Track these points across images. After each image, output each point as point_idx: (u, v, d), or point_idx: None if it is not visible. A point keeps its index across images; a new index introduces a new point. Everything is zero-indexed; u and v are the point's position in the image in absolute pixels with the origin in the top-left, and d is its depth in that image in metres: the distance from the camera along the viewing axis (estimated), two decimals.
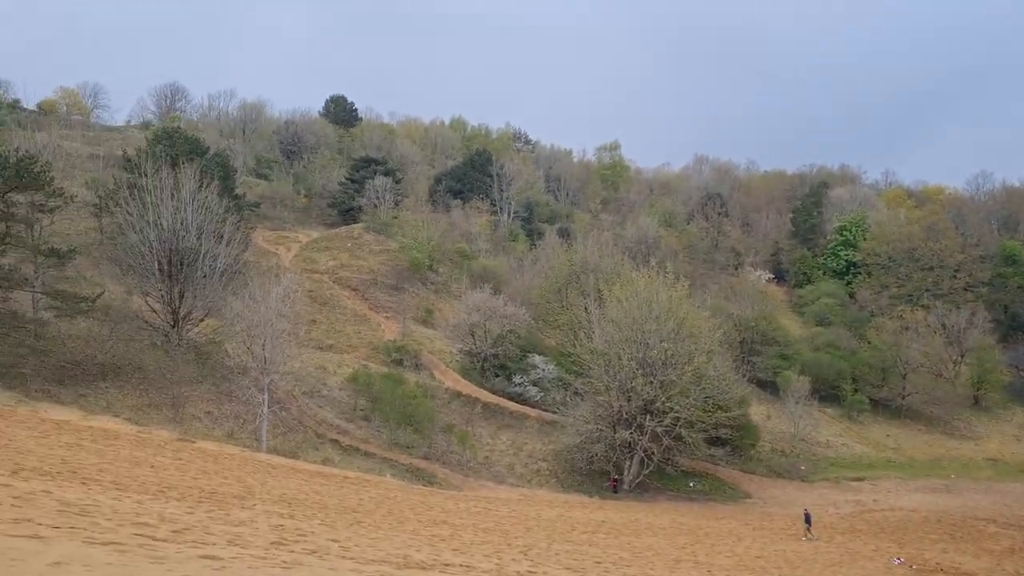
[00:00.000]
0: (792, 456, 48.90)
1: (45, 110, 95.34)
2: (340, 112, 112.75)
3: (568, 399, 44.45)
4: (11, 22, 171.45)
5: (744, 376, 52.17)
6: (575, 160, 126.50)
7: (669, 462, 41.32)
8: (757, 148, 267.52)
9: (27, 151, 40.62)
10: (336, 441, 37.67)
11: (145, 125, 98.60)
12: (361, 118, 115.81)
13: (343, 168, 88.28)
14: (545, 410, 46.88)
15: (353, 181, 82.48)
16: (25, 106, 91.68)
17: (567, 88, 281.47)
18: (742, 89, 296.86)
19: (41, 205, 36.84)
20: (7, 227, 35.35)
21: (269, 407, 34.45)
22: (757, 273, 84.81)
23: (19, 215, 35.98)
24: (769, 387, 58.64)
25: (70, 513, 9.40)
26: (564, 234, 79.82)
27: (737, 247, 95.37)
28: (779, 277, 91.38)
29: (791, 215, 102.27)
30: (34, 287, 36.04)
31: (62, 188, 38.37)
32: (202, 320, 40.68)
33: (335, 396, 42.07)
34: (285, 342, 35.78)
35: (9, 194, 35.23)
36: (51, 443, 19.57)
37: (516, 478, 40.47)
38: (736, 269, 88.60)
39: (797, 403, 48.62)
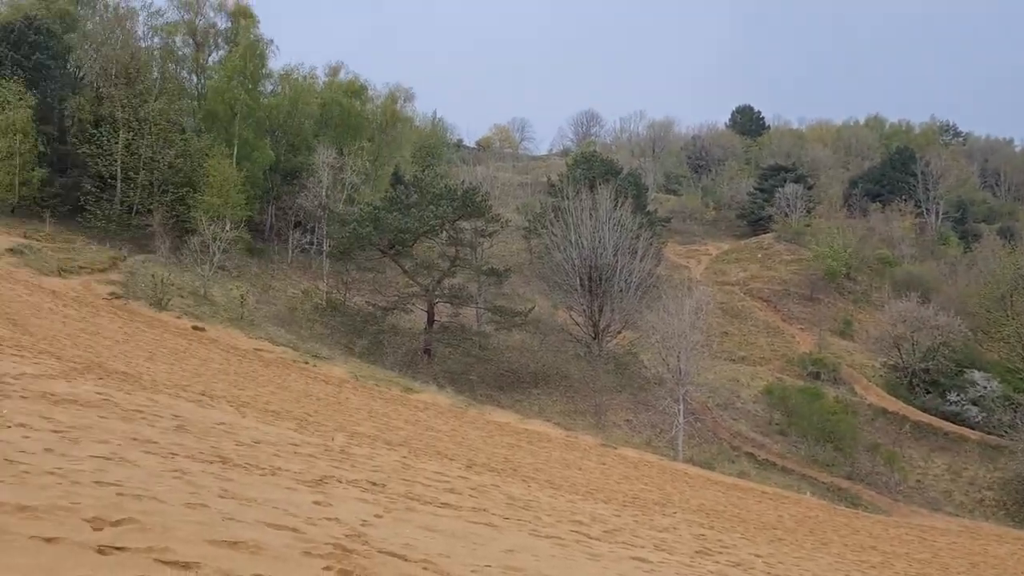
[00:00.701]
0: None
1: (482, 146, 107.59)
2: (746, 122, 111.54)
3: (1018, 421, 39.07)
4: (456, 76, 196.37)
5: None
6: (1017, 150, 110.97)
7: None
8: None
9: (470, 183, 46.17)
10: (751, 454, 37.15)
11: (565, 152, 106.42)
12: (768, 126, 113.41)
13: (751, 178, 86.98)
14: (988, 432, 41.61)
15: (762, 191, 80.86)
16: (466, 144, 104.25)
17: (1004, 69, 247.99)
18: None
19: (482, 231, 41.69)
20: (456, 251, 40.65)
21: (684, 418, 35.05)
22: None
23: (465, 240, 41.10)
24: None
25: (516, 507, 10.49)
26: (1006, 234, 70.46)
27: None
28: None
29: None
30: (477, 303, 40.83)
31: (499, 214, 43.14)
32: (619, 332, 42.69)
33: (749, 409, 41.51)
34: (698, 354, 36.12)
35: (457, 222, 40.50)
36: (495, 442, 21.92)
37: (954, 507, 36.48)
38: None
39: None
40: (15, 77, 39.02)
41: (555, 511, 10.94)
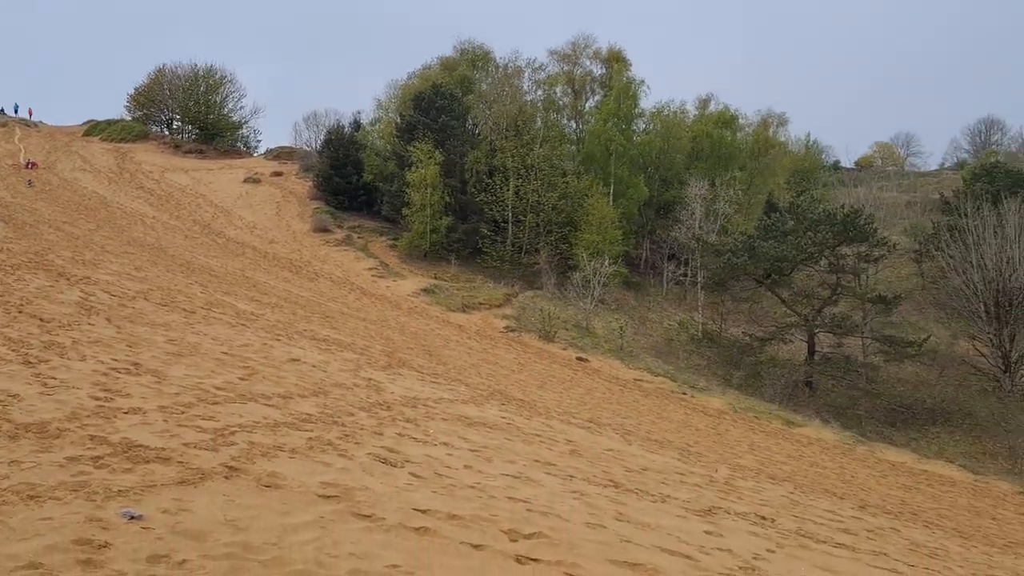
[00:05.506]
0: None
1: (862, 165, 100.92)
2: None
3: None
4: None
5: None
6: None
7: None
8: None
9: (851, 206, 43.59)
10: None
11: (959, 165, 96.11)
12: None
13: None
14: None
15: None
16: (843, 165, 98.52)
17: None
18: None
19: (866, 255, 39.09)
20: (838, 278, 38.55)
21: None
22: None
23: (847, 266, 38.81)
24: None
25: (920, 554, 9.69)
26: None
27: None
28: None
29: None
30: (863, 333, 38.20)
31: (884, 237, 40.17)
32: None
33: None
34: None
35: (838, 248, 38.45)
36: (889, 483, 20.34)
37: None
38: None
39: None
40: (425, 138, 44.62)
41: (968, 563, 9.94)
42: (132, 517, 4.47)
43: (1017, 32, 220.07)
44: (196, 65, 71.08)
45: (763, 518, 9.06)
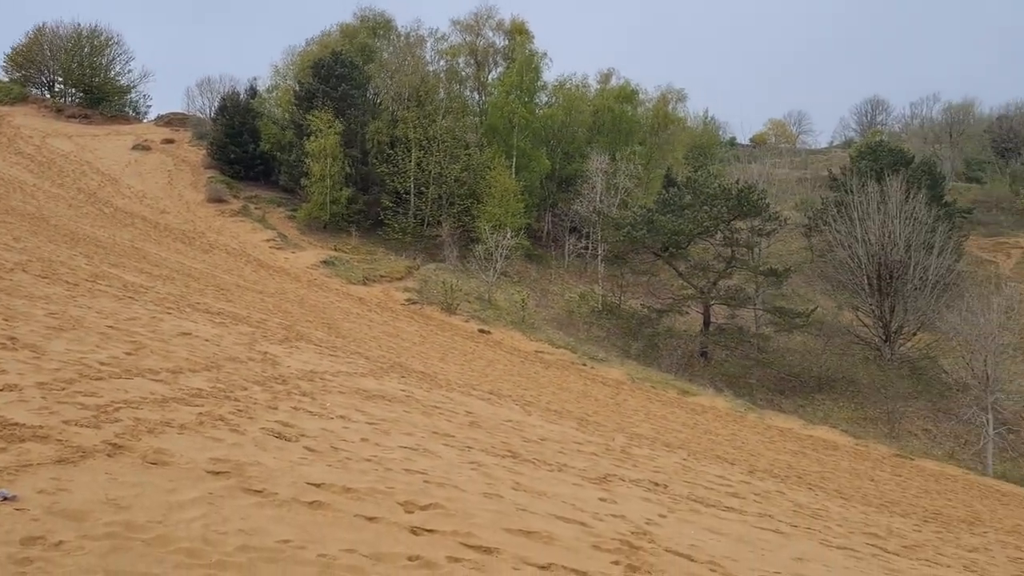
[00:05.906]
0: None
1: (756, 142, 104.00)
2: None
3: None
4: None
5: None
6: None
7: None
8: None
9: (745, 182, 44.89)
10: None
11: (847, 143, 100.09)
12: None
13: None
14: None
15: None
16: (739, 141, 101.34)
17: None
18: None
19: (759, 230, 40.39)
20: (732, 251, 39.74)
21: (995, 429, 31.64)
22: None
23: (742, 240, 40.05)
24: None
25: (803, 514, 10.13)
26: None
27: None
28: None
29: None
30: (755, 304, 39.58)
31: (776, 212, 41.59)
32: (914, 334, 39.47)
33: None
34: (1010, 358, 32.56)
35: (733, 222, 39.60)
36: (777, 448, 21.19)
37: None
38: None
39: None
40: (325, 107, 43.61)
41: (846, 521, 10.44)
42: (5, 498, 4.25)
43: (902, 17, 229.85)
44: (80, 25, 67.36)
45: (656, 484, 9.30)
